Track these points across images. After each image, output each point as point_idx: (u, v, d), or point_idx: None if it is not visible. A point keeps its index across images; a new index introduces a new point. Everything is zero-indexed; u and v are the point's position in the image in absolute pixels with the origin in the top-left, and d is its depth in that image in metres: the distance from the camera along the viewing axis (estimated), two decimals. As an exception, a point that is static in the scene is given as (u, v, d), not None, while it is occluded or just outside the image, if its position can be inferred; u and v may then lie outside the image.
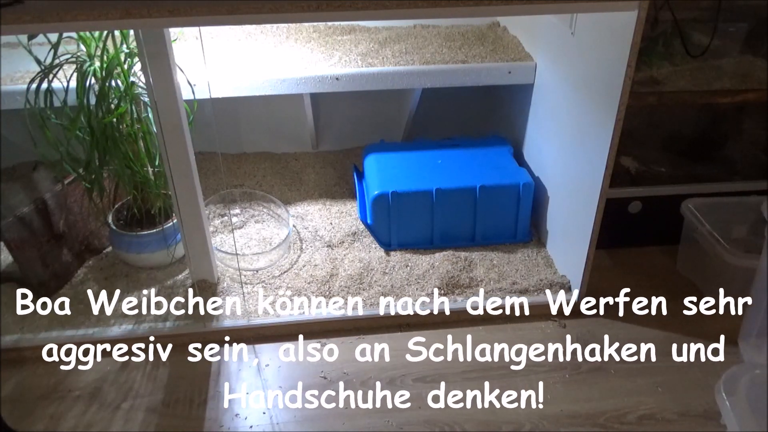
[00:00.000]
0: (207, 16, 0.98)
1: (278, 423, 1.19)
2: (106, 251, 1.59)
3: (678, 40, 1.49)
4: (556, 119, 1.50)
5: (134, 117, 1.35)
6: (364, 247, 1.60)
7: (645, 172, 1.62)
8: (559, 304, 1.42)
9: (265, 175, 1.91)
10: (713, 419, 1.19)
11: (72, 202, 1.49)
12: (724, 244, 1.37)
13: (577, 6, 1.12)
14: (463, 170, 1.62)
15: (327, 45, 1.74)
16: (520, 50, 1.71)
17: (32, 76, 1.28)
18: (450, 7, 1.02)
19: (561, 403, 1.22)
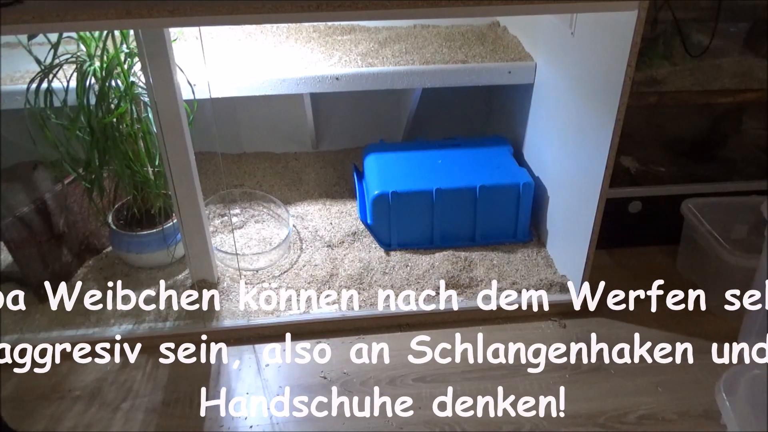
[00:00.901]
0: (207, 16, 0.98)
1: (278, 423, 1.19)
2: (106, 251, 1.59)
3: (678, 40, 1.49)
4: (556, 119, 1.50)
5: (134, 117, 1.35)
6: (364, 247, 1.60)
7: (645, 172, 1.62)
8: (559, 303, 1.42)
9: (265, 175, 1.91)
10: (713, 419, 1.19)
11: (72, 202, 1.49)
12: (724, 244, 1.37)
13: (577, 6, 1.12)
14: (463, 170, 1.62)
15: (327, 45, 1.74)
16: (520, 50, 1.71)
17: (32, 76, 1.28)
18: (450, 7, 1.02)
19: (561, 403, 1.22)
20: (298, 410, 1.21)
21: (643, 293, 1.48)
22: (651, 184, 1.58)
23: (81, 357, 1.32)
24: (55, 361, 1.31)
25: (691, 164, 1.66)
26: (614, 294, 1.47)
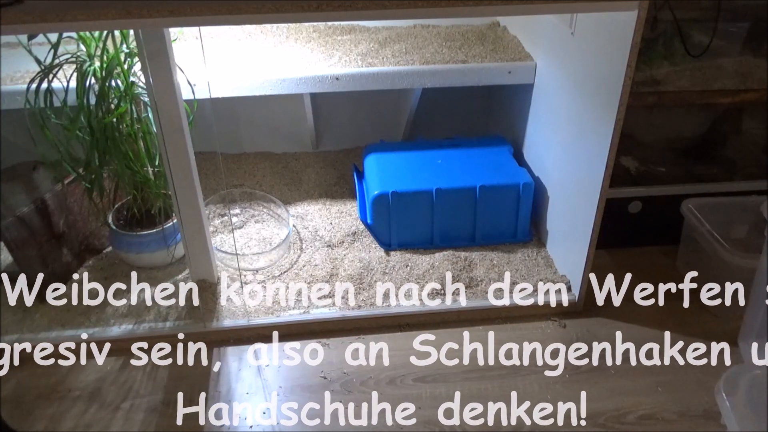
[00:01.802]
0: (207, 16, 0.98)
1: (278, 423, 1.19)
2: (106, 251, 1.59)
3: (678, 40, 1.49)
4: (556, 119, 1.50)
5: (134, 117, 1.35)
6: (364, 247, 1.60)
7: (645, 172, 1.62)
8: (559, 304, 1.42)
9: (265, 175, 1.91)
10: (713, 419, 1.19)
11: (72, 202, 1.49)
12: (724, 244, 1.37)
13: (577, 6, 1.12)
14: (463, 170, 1.62)
15: (327, 45, 1.74)
16: (520, 50, 1.71)
17: (32, 76, 1.28)
18: (450, 7, 1.02)
19: (561, 403, 1.22)
20: (297, 410, 1.21)
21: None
22: (651, 184, 1.58)
23: (81, 357, 1.32)
24: (55, 361, 1.31)
25: (691, 164, 1.66)
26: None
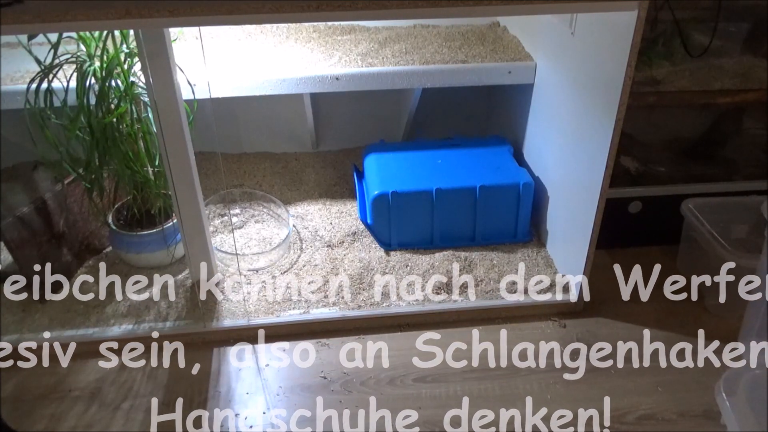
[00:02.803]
0: (207, 16, 0.98)
1: (278, 423, 1.19)
2: (106, 251, 1.59)
3: (678, 40, 1.49)
4: (556, 119, 1.50)
5: (134, 117, 1.35)
6: (364, 247, 1.60)
7: (645, 172, 1.62)
8: (559, 303, 1.42)
9: (265, 175, 1.91)
10: (713, 419, 1.19)
11: (72, 202, 1.49)
12: (724, 244, 1.37)
13: (577, 6, 1.12)
14: (463, 170, 1.62)
15: (327, 45, 1.74)
16: (520, 50, 1.71)
17: (32, 76, 1.28)
18: (450, 7, 1.02)
19: (561, 403, 1.22)
20: (297, 410, 1.21)
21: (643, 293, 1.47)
22: (651, 184, 1.58)
23: (81, 357, 1.32)
24: (55, 361, 1.31)
25: (691, 164, 1.66)
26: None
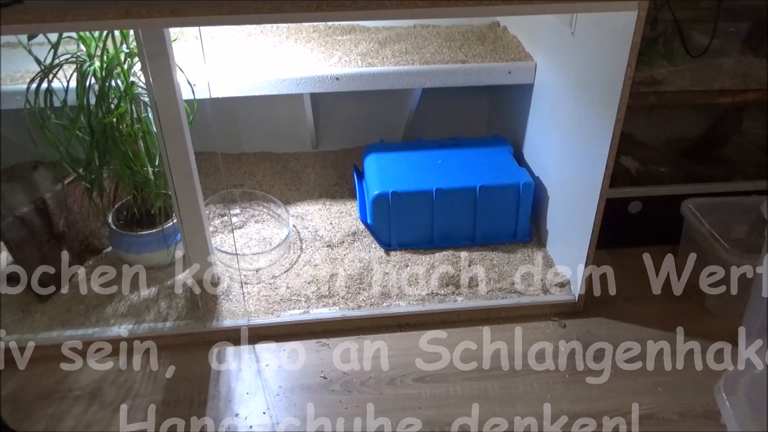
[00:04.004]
0: (207, 16, 0.98)
1: (278, 423, 1.19)
2: (106, 251, 1.59)
3: (678, 40, 1.49)
4: (556, 119, 1.50)
5: (134, 117, 1.35)
6: (364, 247, 1.60)
7: (645, 172, 1.62)
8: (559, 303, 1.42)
9: (265, 175, 1.91)
10: (713, 419, 1.19)
11: (72, 202, 1.49)
12: (724, 244, 1.37)
13: (577, 6, 1.12)
14: (463, 170, 1.62)
15: (327, 45, 1.74)
16: (520, 50, 1.71)
17: (32, 76, 1.28)
18: (450, 7, 1.02)
19: (561, 403, 1.22)
20: (297, 410, 1.21)
21: (643, 293, 1.47)
22: (651, 184, 1.58)
23: (81, 357, 1.32)
24: (55, 361, 1.31)
25: (691, 164, 1.66)
26: (614, 294, 1.46)
